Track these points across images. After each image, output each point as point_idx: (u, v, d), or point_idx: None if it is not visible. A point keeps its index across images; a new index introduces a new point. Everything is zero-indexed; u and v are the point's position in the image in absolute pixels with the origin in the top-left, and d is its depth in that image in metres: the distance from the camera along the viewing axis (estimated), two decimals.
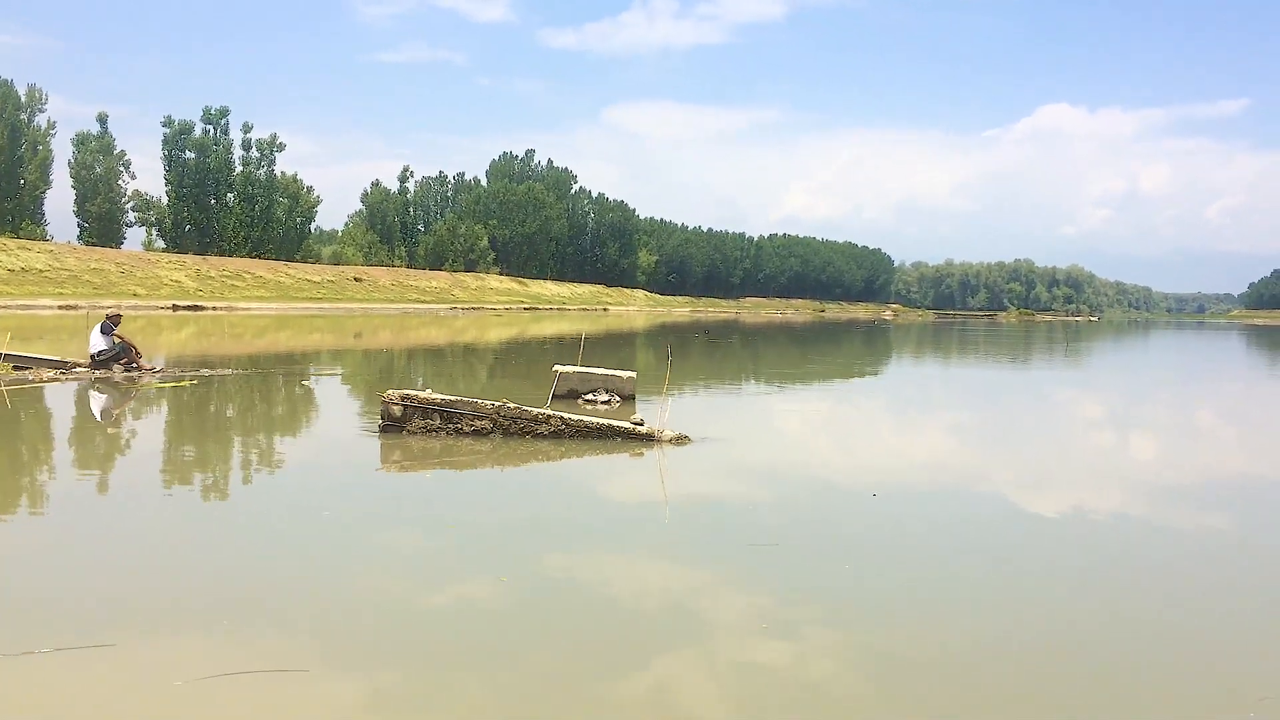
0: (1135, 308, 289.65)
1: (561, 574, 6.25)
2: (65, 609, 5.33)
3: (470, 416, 10.64)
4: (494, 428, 10.64)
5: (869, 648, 5.02)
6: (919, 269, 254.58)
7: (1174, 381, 26.77)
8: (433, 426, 10.73)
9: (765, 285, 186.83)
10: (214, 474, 9.52)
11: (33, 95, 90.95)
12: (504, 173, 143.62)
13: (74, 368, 17.06)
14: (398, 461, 10.23)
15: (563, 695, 4.37)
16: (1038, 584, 6.26)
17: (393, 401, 10.73)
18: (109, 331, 17.38)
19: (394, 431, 10.81)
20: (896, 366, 31.95)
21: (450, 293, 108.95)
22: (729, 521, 7.76)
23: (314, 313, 72.22)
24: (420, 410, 10.73)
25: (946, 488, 9.67)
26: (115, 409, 14.35)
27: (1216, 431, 15.81)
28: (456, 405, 10.69)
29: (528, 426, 10.60)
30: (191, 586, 5.79)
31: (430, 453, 10.35)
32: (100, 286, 74.22)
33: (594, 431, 10.59)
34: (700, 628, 5.28)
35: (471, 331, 49.33)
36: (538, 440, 10.58)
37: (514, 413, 10.63)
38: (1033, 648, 5.08)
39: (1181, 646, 5.20)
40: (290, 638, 4.98)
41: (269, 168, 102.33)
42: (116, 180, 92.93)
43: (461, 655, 4.84)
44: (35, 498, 8.45)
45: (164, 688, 4.31)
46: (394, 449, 10.52)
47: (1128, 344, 55.47)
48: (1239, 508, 9.14)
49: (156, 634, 4.98)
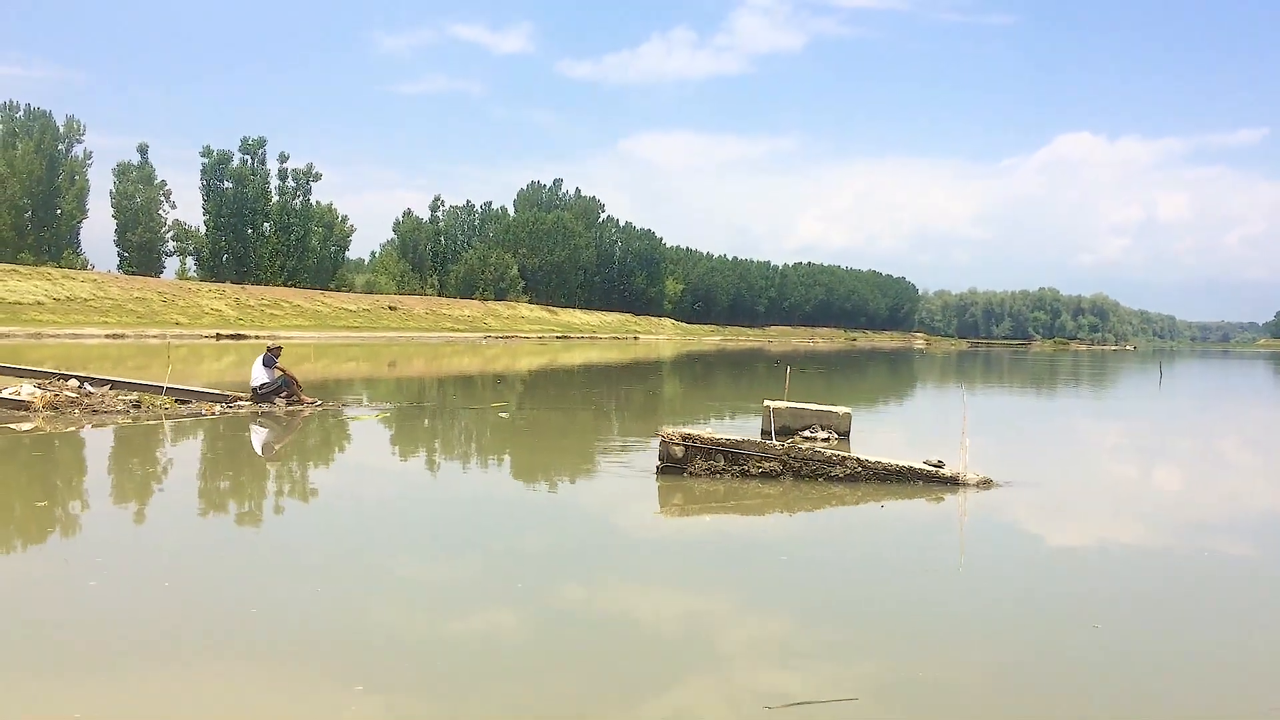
0: (1160, 337, 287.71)
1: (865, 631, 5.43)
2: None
3: (758, 458, 9.89)
4: (784, 470, 9.88)
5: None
6: (942, 297, 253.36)
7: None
8: (717, 468, 9.97)
9: (790, 314, 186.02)
10: (532, 517, 8.76)
11: (71, 126, 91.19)
12: (532, 201, 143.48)
13: (235, 401, 16.36)
14: (678, 505, 9.50)
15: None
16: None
17: (674, 441, 9.99)
18: (271, 364, 16.70)
19: (674, 473, 10.05)
20: (1075, 395, 30.43)
21: (483, 321, 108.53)
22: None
23: (353, 341, 71.69)
24: (703, 451, 9.96)
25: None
26: (279, 440, 13.64)
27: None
28: (742, 446, 9.94)
29: (820, 469, 9.85)
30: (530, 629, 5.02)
31: (713, 496, 9.60)
32: (144, 315, 73.95)
33: (893, 474, 9.81)
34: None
35: (527, 359, 48.69)
36: (831, 483, 9.80)
37: (806, 454, 9.88)
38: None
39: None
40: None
41: (305, 197, 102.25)
42: (157, 210, 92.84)
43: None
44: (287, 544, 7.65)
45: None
46: (674, 491, 9.78)
47: (1202, 374, 54.37)
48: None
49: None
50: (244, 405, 16.22)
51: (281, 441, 13.84)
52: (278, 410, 16.09)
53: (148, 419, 14.53)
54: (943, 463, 9.92)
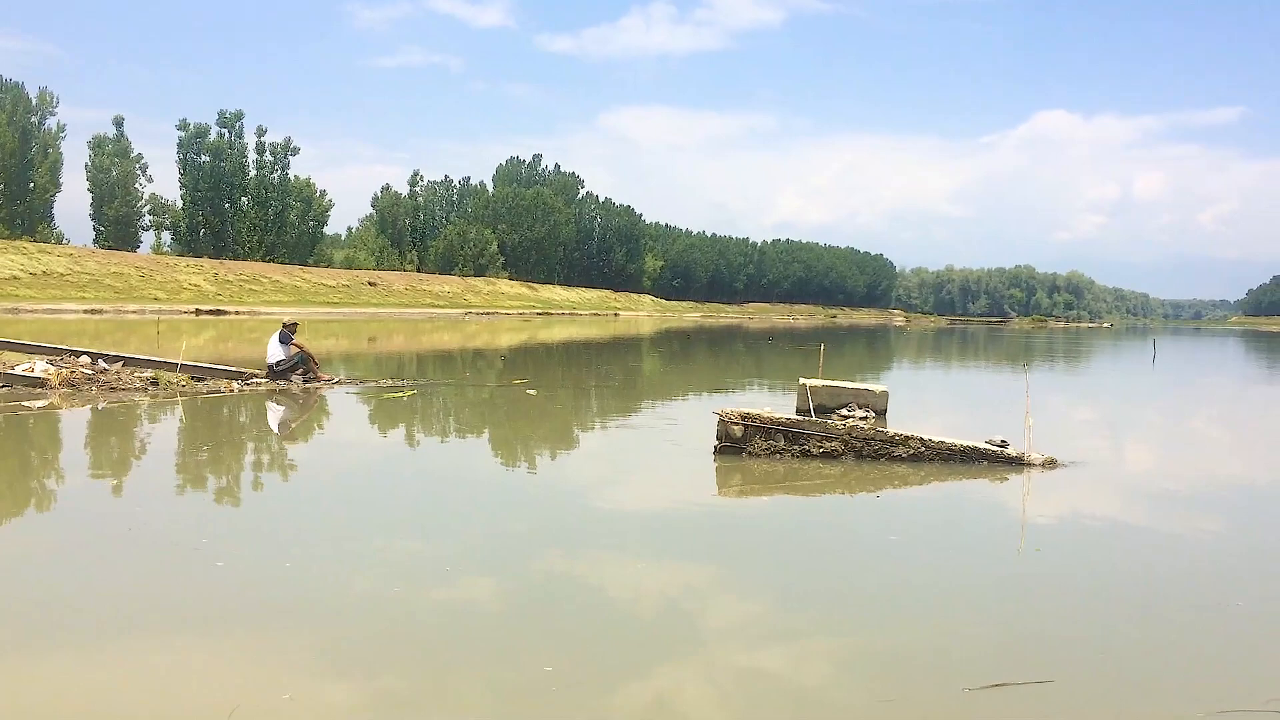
0: (1133, 314, 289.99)
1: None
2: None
3: (819, 437, 9.68)
4: (845, 450, 9.68)
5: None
6: (919, 274, 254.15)
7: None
8: (776, 448, 9.76)
9: (768, 291, 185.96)
10: (596, 501, 8.52)
11: (44, 98, 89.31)
12: (511, 177, 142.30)
13: (251, 378, 16.00)
14: (737, 486, 9.31)
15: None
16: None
17: (732, 421, 9.77)
18: (287, 341, 16.35)
19: (732, 453, 9.83)
20: (1089, 374, 30.14)
21: (463, 297, 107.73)
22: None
23: (334, 318, 71.01)
24: (762, 431, 9.75)
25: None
26: (297, 418, 13.33)
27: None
28: (803, 425, 9.73)
29: (883, 449, 9.66)
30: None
31: (773, 476, 9.40)
32: (121, 291, 72.86)
33: (957, 454, 9.63)
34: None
35: (514, 335, 48.29)
36: (893, 463, 9.63)
37: (868, 434, 9.69)
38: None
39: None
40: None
41: (283, 171, 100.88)
42: (133, 183, 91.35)
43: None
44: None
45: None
46: (733, 472, 9.58)
47: (1190, 352, 54.68)
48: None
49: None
50: (261, 382, 15.87)
51: (299, 420, 13.59)
52: (294, 387, 15.74)
53: (166, 397, 14.16)
54: (1006, 442, 9.77)
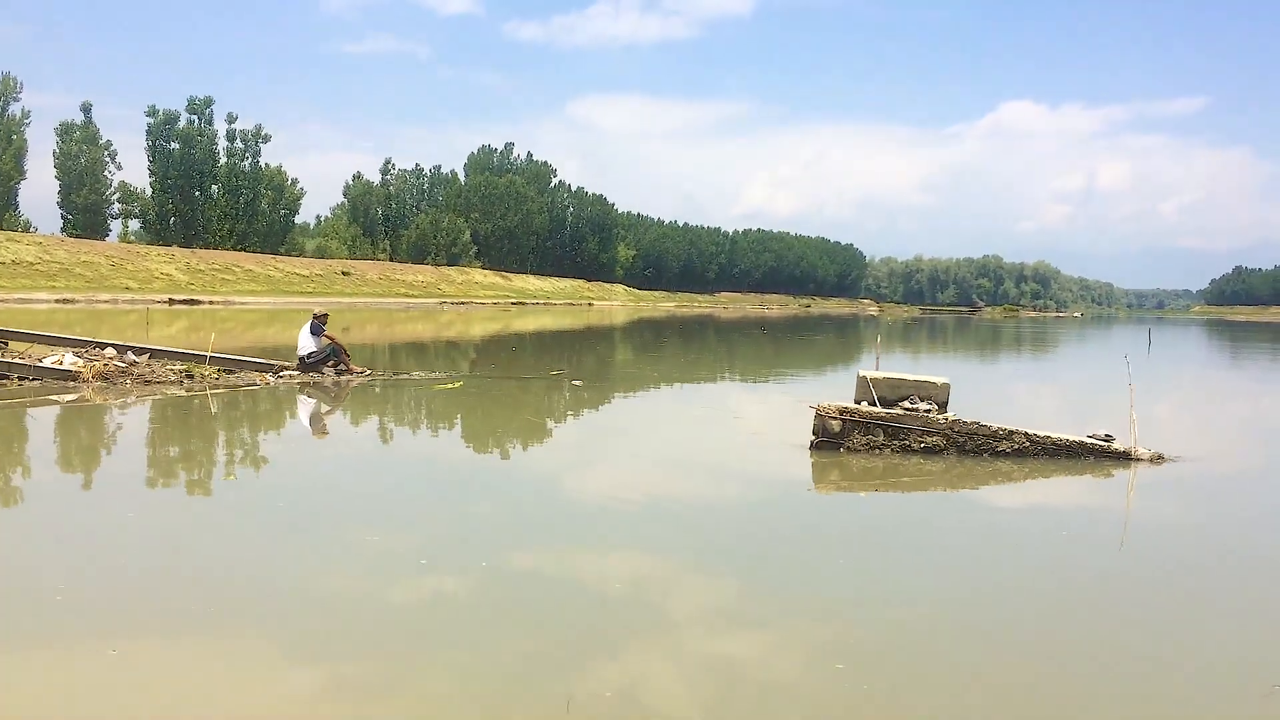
0: (1098, 303, 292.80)
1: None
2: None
3: (920, 432, 9.37)
4: (948, 445, 9.38)
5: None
6: (888, 264, 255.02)
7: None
8: (876, 443, 9.45)
9: (740, 280, 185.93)
10: (669, 500, 8.17)
11: (7, 83, 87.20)
12: (483, 166, 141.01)
13: (282, 370, 15.48)
14: (834, 482, 9.01)
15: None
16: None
17: (830, 415, 9.45)
18: (319, 332, 15.82)
19: (830, 448, 9.50)
20: (1115, 363, 29.88)
21: (437, 287, 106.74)
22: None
23: (308, 307, 69.30)
24: (861, 425, 9.43)
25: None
26: (332, 410, 12.85)
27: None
28: (904, 420, 9.41)
29: (986, 444, 9.37)
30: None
31: (872, 473, 9.09)
32: (92, 280, 71.47)
33: (1062, 449, 9.36)
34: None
35: (485, 324, 47.70)
36: (997, 459, 9.34)
37: (970, 428, 9.40)
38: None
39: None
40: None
41: (254, 159, 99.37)
42: (102, 171, 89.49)
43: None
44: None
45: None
46: (830, 468, 9.27)
47: (1174, 340, 55.02)
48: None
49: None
50: (294, 375, 15.35)
51: (336, 411, 13.16)
52: (326, 380, 15.24)
53: (202, 390, 13.64)
54: (1111, 436, 9.51)
